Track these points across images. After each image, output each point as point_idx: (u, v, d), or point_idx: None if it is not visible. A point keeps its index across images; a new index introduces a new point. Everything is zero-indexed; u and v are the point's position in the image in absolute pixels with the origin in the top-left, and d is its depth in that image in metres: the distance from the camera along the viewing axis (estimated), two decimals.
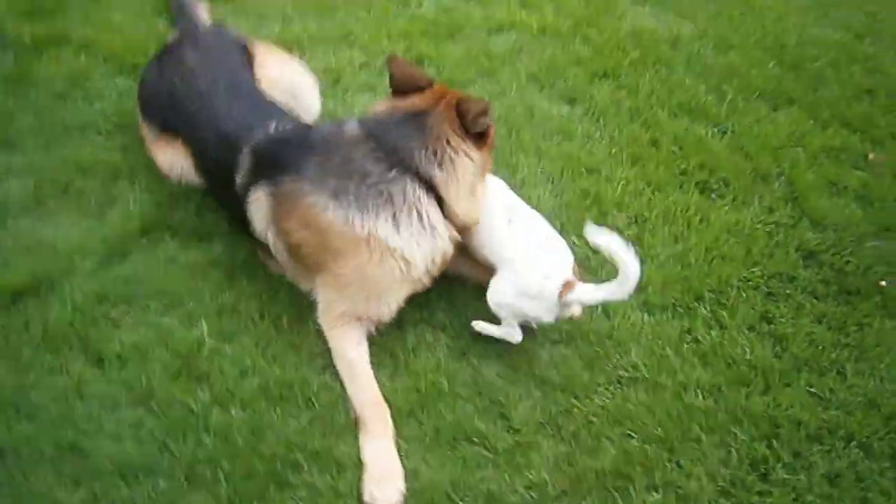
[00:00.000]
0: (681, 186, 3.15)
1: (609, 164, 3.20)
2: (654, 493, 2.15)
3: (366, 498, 2.06)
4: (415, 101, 2.37)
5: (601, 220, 2.84)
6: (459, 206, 2.36)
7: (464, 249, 2.53)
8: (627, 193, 3.07)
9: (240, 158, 2.49)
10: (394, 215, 2.30)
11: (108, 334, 2.34)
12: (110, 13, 3.64)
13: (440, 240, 2.38)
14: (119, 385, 2.22)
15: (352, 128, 2.40)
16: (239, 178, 2.47)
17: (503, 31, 3.95)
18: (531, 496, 2.12)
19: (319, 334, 2.42)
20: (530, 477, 2.15)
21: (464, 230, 2.44)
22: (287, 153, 2.43)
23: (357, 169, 2.31)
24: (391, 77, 2.45)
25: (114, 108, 3.12)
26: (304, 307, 2.48)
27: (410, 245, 2.32)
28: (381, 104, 2.48)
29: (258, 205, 2.42)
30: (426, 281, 2.45)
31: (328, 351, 2.39)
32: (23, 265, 2.48)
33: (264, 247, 2.52)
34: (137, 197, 2.78)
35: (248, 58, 3.02)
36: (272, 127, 2.54)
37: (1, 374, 2.18)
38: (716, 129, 3.46)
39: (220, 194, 2.69)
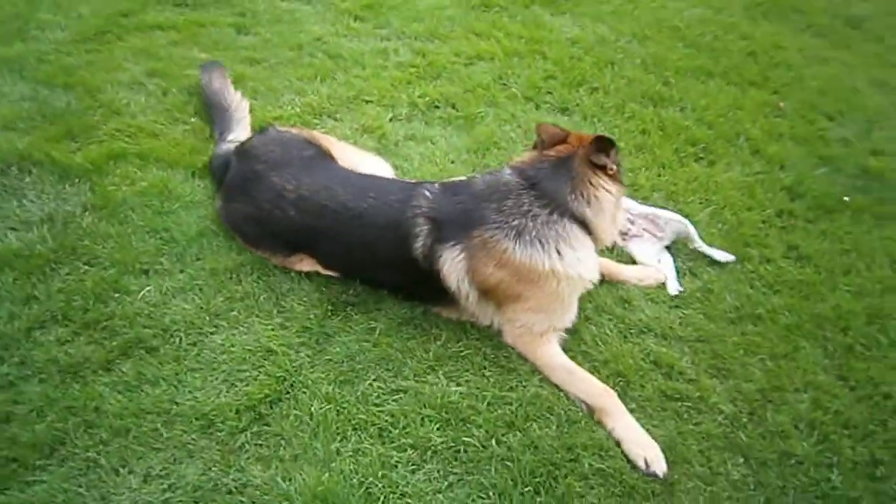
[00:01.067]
0: (681, 162, 3.74)
1: (625, 158, 3.70)
2: (804, 393, 2.72)
3: (640, 463, 2.40)
4: (558, 150, 2.72)
5: (648, 203, 3.39)
6: (605, 233, 2.75)
7: None
8: (651, 177, 3.61)
9: (413, 230, 2.65)
10: (559, 250, 2.62)
11: (366, 409, 2.44)
12: (137, 121, 3.46)
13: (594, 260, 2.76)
14: (411, 448, 2.35)
15: (510, 177, 2.69)
16: (419, 245, 2.64)
17: (475, 63, 4.27)
18: (736, 423, 2.59)
19: (519, 355, 2.71)
20: (724, 409, 2.62)
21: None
22: (464, 208, 2.66)
23: (528, 211, 2.62)
24: (542, 140, 2.79)
25: (214, 211, 3.06)
26: (493, 335, 2.76)
27: (581, 268, 2.67)
28: (527, 154, 2.80)
29: (454, 260, 2.61)
30: None
31: (532, 367, 2.68)
32: (254, 377, 2.50)
33: (438, 300, 2.75)
34: (302, 285, 2.82)
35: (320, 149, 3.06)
36: (426, 192, 2.72)
37: (313, 473, 2.25)
38: (678, 110, 4.09)
39: (385, 273, 2.80)
